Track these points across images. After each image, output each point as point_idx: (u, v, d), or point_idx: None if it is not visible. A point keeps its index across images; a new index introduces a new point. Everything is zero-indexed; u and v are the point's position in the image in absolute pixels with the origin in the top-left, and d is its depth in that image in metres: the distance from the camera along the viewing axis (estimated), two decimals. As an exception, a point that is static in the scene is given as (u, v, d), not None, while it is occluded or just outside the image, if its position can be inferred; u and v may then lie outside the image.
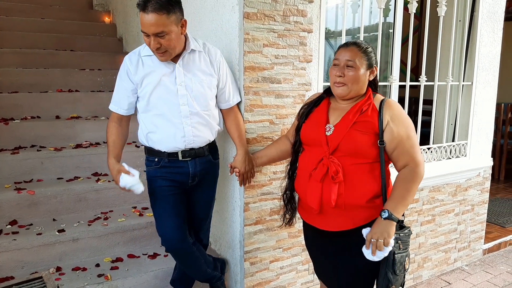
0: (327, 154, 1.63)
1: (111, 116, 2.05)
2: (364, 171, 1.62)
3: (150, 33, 1.75)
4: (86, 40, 4.53)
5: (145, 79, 1.91)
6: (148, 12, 1.71)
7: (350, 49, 1.65)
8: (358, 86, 1.66)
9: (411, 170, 1.61)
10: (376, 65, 1.70)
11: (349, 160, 1.62)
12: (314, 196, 1.67)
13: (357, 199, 1.62)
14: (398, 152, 1.62)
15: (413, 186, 1.60)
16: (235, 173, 2.07)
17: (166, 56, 1.84)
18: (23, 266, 2.33)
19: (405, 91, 2.88)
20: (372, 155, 1.62)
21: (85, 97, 3.55)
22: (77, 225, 2.54)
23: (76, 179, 2.90)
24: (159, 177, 2.02)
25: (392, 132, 1.60)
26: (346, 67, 1.64)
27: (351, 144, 1.61)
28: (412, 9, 2.74)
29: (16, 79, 3.56)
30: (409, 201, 1.61)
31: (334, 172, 1.61)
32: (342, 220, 1.65)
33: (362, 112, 1.64)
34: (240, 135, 2.09)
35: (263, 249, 2.35)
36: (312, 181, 1.68)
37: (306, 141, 1.77)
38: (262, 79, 2.17)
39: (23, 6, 4.85)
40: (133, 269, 2.38)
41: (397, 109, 1.65)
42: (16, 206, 2.56)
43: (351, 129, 1.62)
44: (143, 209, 2.81)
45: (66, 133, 3.19)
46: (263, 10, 2.11)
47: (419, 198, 2.96)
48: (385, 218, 1.55)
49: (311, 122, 1.76)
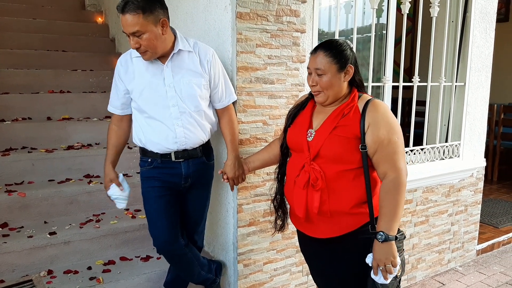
0: (308, 161, 1.59)
1: (112, 117, 2.11)
2: (348, 178, 1.56)
3: (128, 33, 1.78)
4: (78, 41, 4.49)
5: (134, 80, 1.92)
6: (124, 13, 1.74)
7: (317, 55, 1.58)
8: (334, 91, 1.59)
9: (393, 181, 1.52)
10: (351, 63, 1.59)
11: (332, 167, 1.56)
12: (299, 204, 1.63)
13: (341, 206, 1.57)
14: (377, 157, 1.54)
15: (400, 198, 1.52)
16: (223, 179, 2.03)
17: (147, 55, 1.84)
18: (13, 269, 2.29)
19: (398, 92, 2.88)
20: (355, 161, 1.56)
21: (77, 98, 3.51)
22: (68, 227, 2.51)
23: (67, 181, 2.87)
24: (151, 178, 2.01)
25: (372, 135, 1.52)
26: (317, 75, 1.58)
27: (331, 150, 1.55)
28: (405, 10, 2.74)
29: (7, 80, 3.52)
30: (400, 214, 1.53)
31: (314, 180, 1.56)
32: (328, 227, 1.61)
33: (344, 115, 1.58)
34: (233, 140, 2.07)
35: (256, 250, 2.34)
36: (297, 188, 1.63)
37: (291, 146, 1.73)
38: (255, 79, 2.16)
39: (14, 7, 4.80)
40: (126, 272, 2.35)
41: (381, 110, 1.56)
42: (6, 209, 2.52)
43: (331, 134, 1.56)
44: (135, 211, 2.79)
45: (58, 135, 3.15)
46: (256, 10, 2.10)
47: (413, 198, 2.96)
48: (382, 241, 1.49)
49: (295, 126, 1.72)
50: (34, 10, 4.84)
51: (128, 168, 3.09)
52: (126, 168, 3.08)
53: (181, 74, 1.92)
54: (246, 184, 2.23)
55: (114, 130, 2.08)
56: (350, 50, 1.61)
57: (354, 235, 1.59)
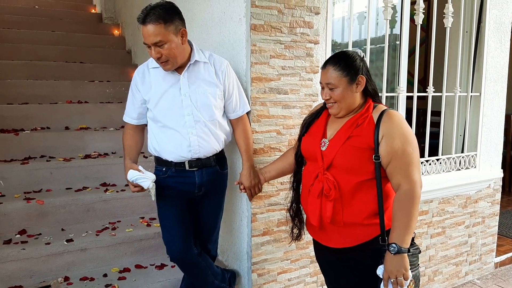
0: (322, 170, 1.59)
1: (125, 127, 2.11)
2: (362, 188, 1.56)
3: (150, 43, 1.81)
4: (95, 53, 4.60)
5: (151, 90, 1.96)
6: (146, 24, 1.78)
7: (326, 70, 1.59)
8: (346, 103, 1.59)
9: (407, 193, 1.50)
10: (362, 73, 1.58)
11: (345, 177, 1.55)
12: (314, 212, 1.63)
13: (355, 217, 1.57)
14: (391, 168, 1.52)
15: (414, 210, 1.50)
16: (241, 190, 2.04)
17: (168, 65, 1.88)
18: (31, 275, 2.33)
19: (413, 102, 2.88)
20: (369, 171, 1.54)
21: (94, 108, 3.59)
22: (85, 235, 2.55)
23: (84, 189, 2.92)
24: (166, 187, 2.03)
25: (386, 145, 1.51)
26: (329, 89, 1.59)
27: (345, 160, 1.54)
28: (419, 20, 2.75)
29: (26, 90, 3.62)
30: (413, 226, 1.52)
31: (327, 190, 1.56)
32: (342, 237, 1.61)
33: (357, 126, 1.57)
34: (247, 149, 2.08)
35: (270, 260, 2.34)
36: (311, 197, 1.64)
37: (305, 155, 1.73)
38: (269, 89, 2.19)
39: (34, 19, 4.96)
40: (141, 279, 2.37)
41: (396, 121, 1.54)
42: (25, 216, 2.57)
43: (344, 144, 1.55)
44: (150, 220, 2.82)
45: (75, 144, 3.22)
46: (270, 22, 2.13)
47: (429, 209, 2.93)
48: (395, 253, 1.47)
49: (310, 135, 1.72)
50: (53, 23, 4.98)
51: (143, 177, 3.13)
52: (141, 177, 3.12)
53: (197, 84, 1.96)
54: (260, 194, 2.24)
55: (130, 134, 2.07)
56: (361, 60, 1.61)
57: (367, 246, 1.58)
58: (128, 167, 1.92)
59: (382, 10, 2.68)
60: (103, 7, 5.67)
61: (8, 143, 3.02)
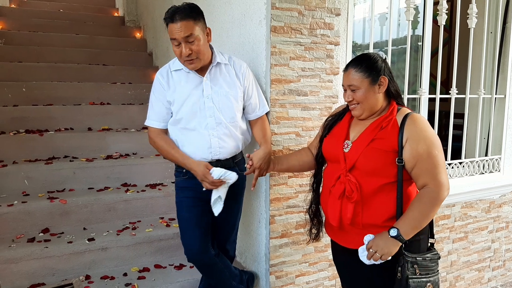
0: (344, 172, 1.59)
1: (151, 132, 2.04)
2: (384, 191, 1.56)
3: (180, 37, 1.83)
4: (117, 55, 4.68)
5: (175, 92, 1.97)
6: (176, 21, 1.82)
7: (348, 72, 1.61)
8: (370, 104, 1.60)
9: (430, 192, 1.50)
10: (384, 74, 1.59)
11: (368, 179, 1.55)
12: (334, 213, 1.64)
13: (374, 219, 1.57)
14: (417, 171, 1.52)
15: (429, 210, 1.49)
16: (247, 164, 1.93)
17: (196, 63, 1.89)
18: (54, 273, 2.39)
19: (435, 104, 2.83)
20: (392, 174, 1.54)
21: (116, 109, 3.65)
22: (106, 234, 2.59)
23: (106, 189, 2.97)
24: (186, 188, 2.05)
25: (411, 149, 1.51)
26: (351, 91, 1.60)
27: (368, 162, 1.54)
28: (442, 21, 2.70)
29: (51, 92, 3.71)
30: (423, 224, 1.52)
31: (349, 192, 1.57)
32: (361, 238, 1.60)
33: (381, 128, 1.57)
34: (265, 135, 2.07)
35: (289, 263, 2.33)
36: (332, 198, 1.65)
37: (326, 156, 1.74)
38: (289, 91, 2.18)
39: (59, 23, 5.09)
40: (160, 279, 2.40)
41: (420, 124, 1.54)
42: (48, 215, 2.64)
43: (368, 146, 1.56)
44: (170, 220, 2.85)
45: (98, 145, 3.28)
46: (290, 23, 2.13)
47: (451, 214, 2.87)
48: (392, 236, 1.49)
49: (332, 136, 1.73)
50: (77, 26, 5.10)
51: (163, 178, 3.17)
52: (161, 178, 3.17)
53: (219, 85, 1.98)
54: (279, 196, 2.23)
55: (165, 138, 2.02)
56: (382, 61, 1.61)
57: None
58: (202, 165, 1.92)
59: (404, 11, 2.64)
60: (125, 11, 5.78)
61: (33, 143, 3.10)
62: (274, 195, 2.22)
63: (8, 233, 2.53)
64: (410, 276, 1.51)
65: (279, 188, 2.23)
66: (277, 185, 2.23)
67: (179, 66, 1.96)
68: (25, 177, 2.85)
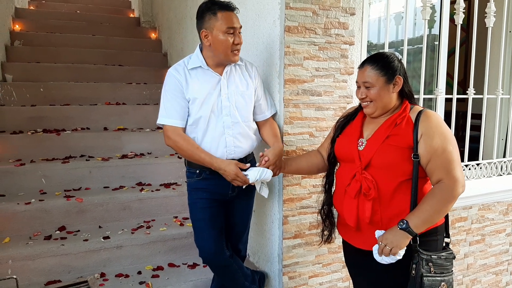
0: (360, 170, 1.58)
1: (170, 132, 1.94)
2: (400, 188, 1.55)
3: (238, 26, 1.92)
4: (133, 56, 4.73)
5: (194, 91, 1.95)
6: (235, 10, 1.93)
7: (364, 69, 1.61)
8: (383, 102, 1.60)
9: (444, 187, 1.49)
10: (399, 74, 1.59)
11: (384, 176, 1.55)
12: (350, 213, 1.62)
13: (394, 217, 1.55)
14: (431, 166, 1.51)
15: (442, 205, 1.48)
16: (263, 160, 1.89)
17: (238, 55, 1.96)
18: (69, 270, 2.42)
19: (452, 104, 2.79)
20: (408, 171, 1.54)
21: (131, 109, 3.70)
22: (121, 232, 2.63)
23: (121, 188, 3.00)
24: (200, 189, 2.05)
25: (426, 144, 1.51)
26: (365, 88, 1.61)
27: (383, 159, 1.54)
28: (459, 20, 2.66)
29: (68, 92, 3.78)
30: (434, 219, 1.50)
31: (366, 189, 1.55)
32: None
33: (396, 125, 1.58)
34: (276, 135, 2.07)
35: (302, 263, 2.32)
36: (347, 197, 1.63)
37: (340, 156, 1.73)
38: (302, 91, 2.17)
39: (76, 24, 5.16)
40: (173, 278, 2.42)
41: (434, 120, 1.54)
42: (65, 213, 2.68)
43: (383, 143, 1.56)
44: (183, 219, 2.86)
45: (113, 144, 3.32)
46: (304, 23, 2.12)
47: (468, 216, 2.82)
48: (400, 228, 1.48)
49: (345, 136, 1.72)
50: (93, 27, 5.17)
51: (177, 177, 3.20)
52: (175, 177, 3.19)
53: (235, 85, 2.00)
54: (292, 196, 2.23)
55: (185, 138, 1.95)
56: (398, 61, 1.62)
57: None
58: (233, 164, 1.89)
59: (420, 10, 2.61)
60: (141, 12, 5.84)
61: (50, 143, 3.16)
62: (287, 195, 2.22)
63: (25, 231, 2.58)
64: (424, 274, 1.51)
65: (292, 189, 2.23)
66: (290, 186, 2.23)
67: (196, 64, 1.96)
68: (42, 175, 2.90)
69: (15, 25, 4.71)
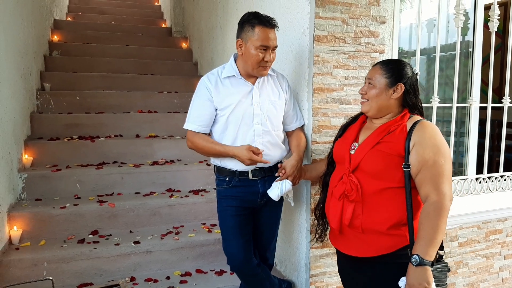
0: (347, 172, 1.60)
1: (189, 135, 2.03)
2: (387, 196, 1.54)
3: (273, 46, 1.93)
4: (164, 65, 4.84)
5: (225, 99, 1.99)
6: (273, 27, 1.93)
7: (374, 67, 1.66)
8: (378, 103, 1.61)
9: (434, 204, 1.46)
10: (404, 82, 1.59)
11: (371, 181, 1.55)
12: (334, 215, 1.64)
13: (376, 224, 1.55)
14: (420, 178, 1.50)
15: (440, 223, 1.45)
16: (280, 173, 1.96)
17: (267, 70, 1.99)
18: (101, 274, 2.49)
19: (487, 113, 2.71)
20: (396, 179, 1.53)
21: (162, 117, 3.78)
22: (151, 238, 2.68)
23: (151, 194, 3.07)
24: (229, 197, 2.07)
25: (417, 154, 1.49)
26: (368, 84, 1.65)
27: (371, 164, 1.54)
28: (493, 27, 2.59)
29: (102, 100, 3.90)
30: (439, 239, 1.46)
31: (349, 190, 1.57)
32: (363, 245, 1.59)
33: (389, 132, 1.57)
34: (299, 145, 2.09)
35: (329, 274, 2.29)
36: (333, 199, 1.66)
37: (335, 158, 1.76)
38: (331, 100, 2.17)
39: (110, 34, 5.34)
40: (201, 284, 2.44)
41: (429, 131, 1.52)
42: (98, 217, 2.76)
43: (373, 149, 1.56)
44: (211, 226, 2.89)
45: (145, 151, 3.41)
46: (334, 32, 2.12)
47: (503, 228, 2.72)
48: (416, 265, 1.43)
49: (343, 139, 1.75)
50: (127, 37, 5.33)
51: (206, 184, 3.23)
52: (204, 184, 3.23)
53: (267, 94, 2.03)
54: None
55: (202, 137, 2.00)
56: (411, 72, 1.62)
57: (391, 257, 1.55)
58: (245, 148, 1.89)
59: (453, 17, 2.56)
60: (172, 22, 5.97)
61: (85, 149, 3.27)
62: (314, 204, 2.20)
63: (60, 234, 2.67)
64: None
65: (321, 197, 2.21)
66: (318, 195, 2.20)
67: (230, 73, 2.00)
68: (77, 181, 3.00)
69: (53, 36, 4.91)
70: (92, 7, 6.67)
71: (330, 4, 2.09)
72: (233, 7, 3.35)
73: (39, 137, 3.38)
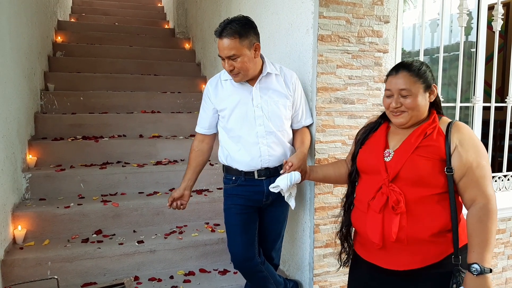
0: (387, 182, 1.47)
1: (195, 137, 2.19)
2: (431, 203, 1.44)
3: (224, 56, 1.90)
4: (168, 65, 4.86)
5: (224, 101, 2.02)
6: (222, 37, 1.87)
7: (401, 75, 1.49)
8: (419, 112, 1.50)
9: (483, 208, 1.38)
10: (434, 83, 1.52)
11: (413, 190, 1.44)
12: (375, 229, 1.49)
13: (420, 233, 1.44)
14: (465, 181, 1.42)
15: (492, 225, 1.37)
16: (287, 166, 1.84)
17: (239, 77, 1.95)
18: (105, 273, 2.50)
19: (490, 113, 2.71)
20: (439, 184, 1.44)
21: (165, 117, 3.79)
22: (154, 237, 2.68)
23: (155, 193, 3.08)
24: (235, 195, 2.08)
25: (460, 157, 1.41)
26: (401, 96, 1.49)
27: (413, 171, 1.43)
28: (497, 27, 2.59)
29: (106, 100, 3.92)
30: (493, 243, 1.39)
31: (395, 202, 1.44)
32: (409, 257, 1.46)
33: (426, 135, 1.47)
34: (304, 142, 2.07)
35: (333, 273, 2.30)
36: (371, 212, 1.51)
37: (363, 169, 1.61)
38: (335, 99, 2.17)
39: (114, 35, 5.36)
40: (204, 283, 2.45)
41: (467, 132, 1.45)
42: (102, 217, 2.77)
43: (413, 154, 1.45)
44: (215, 225, 2.90)
45: (148, 151, 3.41)
46: (338, 32, 2.13)
47: (506, 228, 2.72)
48: (477, 275, 1.34)
49: (368, 147, 1.61)
50: (131, 38, 5.35)
51: (209, 184, 3.24)
52: (207, 184, 3.23)
53: (269, 95, 2.02)
54: (324, 205, 2.22)
55: (194, 151, 2.16)
56: (429, 70, 1.54)
57: (438, 267, 1.45)
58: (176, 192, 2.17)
59: (456, 17, 2.56)
60: (175, 23, 5.99)
61: (89, 149, 3.28)
62: (318, 204, 2.21)
63: (64, 233, 2.68)
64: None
65: (324, 197, 2.22)
66: (322, 194, 2.22)
67: (229, 76, 2.02)
68: (81, 180, 3.01)
69: (57, 36, 4.93)
70: (96, 8, 6.70)
71: (334, 3, 2.10)
72: (236, 7, 3.36)
73: (43, 137, 3.39)
